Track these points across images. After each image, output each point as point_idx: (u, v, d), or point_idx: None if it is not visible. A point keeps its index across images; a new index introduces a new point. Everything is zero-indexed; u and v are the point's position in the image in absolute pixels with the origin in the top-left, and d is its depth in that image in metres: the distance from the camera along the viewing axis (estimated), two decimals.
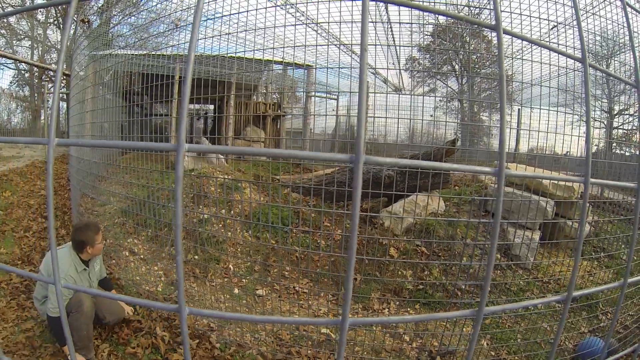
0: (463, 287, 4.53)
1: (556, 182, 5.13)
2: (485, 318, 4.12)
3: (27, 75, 24.53)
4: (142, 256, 4.66)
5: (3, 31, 22.61)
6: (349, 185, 4.79)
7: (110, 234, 4.91)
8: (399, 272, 4.65)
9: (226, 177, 5.07)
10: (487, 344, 3.70)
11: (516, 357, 3.53)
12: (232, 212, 4.50)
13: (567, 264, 4.68)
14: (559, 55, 3.48)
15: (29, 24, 24.11)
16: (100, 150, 4.99)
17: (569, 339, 3.85)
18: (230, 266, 4.62)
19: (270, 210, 3.96)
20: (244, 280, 4.46)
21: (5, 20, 22.06)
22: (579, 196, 5.31)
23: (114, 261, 4.56)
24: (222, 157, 6.05)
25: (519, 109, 6.54)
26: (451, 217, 5.47)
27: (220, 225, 4.88)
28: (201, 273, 4.36)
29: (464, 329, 3.76)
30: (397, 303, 4.36)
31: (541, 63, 3.81)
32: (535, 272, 4.84)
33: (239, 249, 4.86)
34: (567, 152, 4.35)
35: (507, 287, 4.59)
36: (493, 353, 3.60)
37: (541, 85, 4.25)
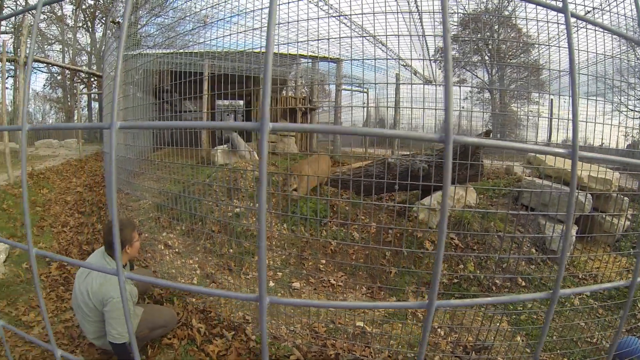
0: (498, 282, 4.43)
1: (595, 175, 4.97)
2: (521, 314, 4.02)
3: (59, 77, 25.39)
4: (177, 250, 4.74)
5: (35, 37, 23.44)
6: (384, 177, 4.74)
7: (145, 227, 5.00)
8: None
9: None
10: (522, 340, 3.60)
11: (552, 355, 3.42)
12: (267, 205, 4.52)
13: (605, 261, 4.52)
14: (597, 41, 3.33)
15: (59, 28, 24.96)
16: (134, 147, 5.08)
17: (606, 338, 3.70)
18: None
19: (307, 202, 3.94)
20: (279, 273, 4.48)
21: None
22: (616, 189, 5.13)
23: (149, 254, 4.64)
24: (253, 151, 6.09)
25: (551, 99, 6.34)
26: (484, 209, 5.35)
27: (255, 219, 4.90)
28: (236, 266, 4.40)
29: (500, 325, 3.67)
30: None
31: (579, 50, 3.65)
32: (572, 268, 4.69)
33: (273, 242, 4.87)
34: (602, 143, 4.19)
35: (542, 282, 4.48)
36: (528, 350, 3.50)
37: (579, 74, 4.09)
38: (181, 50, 5.62)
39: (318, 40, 3.40)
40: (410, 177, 4.73)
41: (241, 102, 16.30)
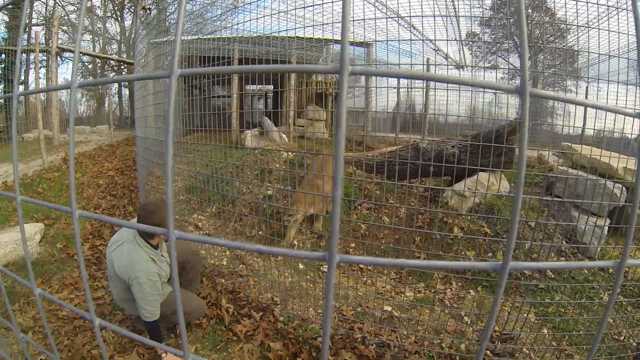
0: (526, 272, 4.35)
1: (632, 167, 4.80)
2: (549, 306, 3.94)
3: (90, 66, 26.12)
4: (207, 231, 4.81)
5: (65, 27, 24.27)
6: (413, 163, 4.68)
7: (176, 210, 5.09)
8: (462, 253, 4.52)
9: (293, 152, 5.07)
10: (549, 333, 3.53)
11: (578, 350, 3.33)
12: (297, 188, 4.52)
13: (638, 257, 4.39)
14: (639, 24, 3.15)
15: (89, 19, 25.63)
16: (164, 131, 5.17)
17: (633, 336, 3.60)
18: (295, 242, 4.69)
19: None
20: None
21: (66, 17, 23.61)
22: None
23: None
24: (284, 135, 6.11)
25: (586, 87, 6.10)
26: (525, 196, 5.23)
27: (285, 202, 4.93)
28: None
29: (527, 315, 3.61)
30: (459, 284, 4.26)
31: (619, 33, 3.47)
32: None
33: (303, 225, 4.90)
34: (638, 135, 4.02)
35: (571, 276, 4.37)
36: (555, 343, 3.42)
37: (619, 57, 3.90)
38: (210, 36, 5.65)
39: (353, 21, 3.34)
40: (440, 162, 4.67)
41: (270, 87, 16.41)
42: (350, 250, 4.57)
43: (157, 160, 4.93)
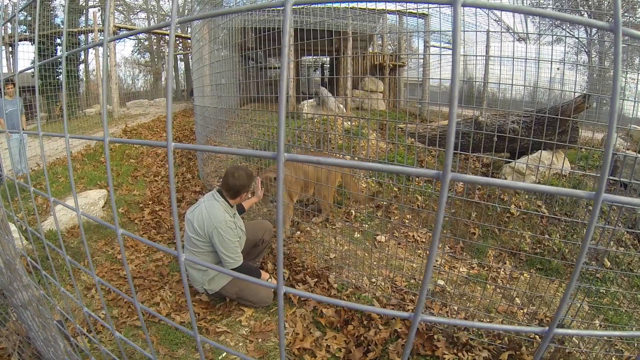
0: (584, 259, 4.17)
1: None
2: (603, 296, 3.76)
3: (146, 43, 27.07)
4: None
5: (120, 8, 25.31)
6: (473, 137, 4.54)
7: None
8: (518, 232, 4.40)
9: (352, 119, 5.00)
10: (601, 325, 3.38)
11: (629, 347, 3.18)
12: (356, 157, 4.53)
13: None
14: None
15: None
16: (225, 97, 5.30)
17: None
18: (352, 211, 4.74)
19: (395, 158, 3.86)
20: (365, 225, 4.56)
21: None
22: None
23: None
24: (341, 105, 6.10)
25: None
26: (577, 180, 5.00)
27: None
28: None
29: (581, 304, 3.47)
30: (513, 264, 4.16)
31: None
32: None
33: (362, 194, 4.90)
34: None
35: (629, 268, 4.15)
36: (605, 338, 3.28)
37: None
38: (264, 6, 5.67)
39: None
40: (499, 138, 4.51)
41: (325, 58, 16.31)
42: (406, 220, 4.56)
43: (215, 128, 5.07)
